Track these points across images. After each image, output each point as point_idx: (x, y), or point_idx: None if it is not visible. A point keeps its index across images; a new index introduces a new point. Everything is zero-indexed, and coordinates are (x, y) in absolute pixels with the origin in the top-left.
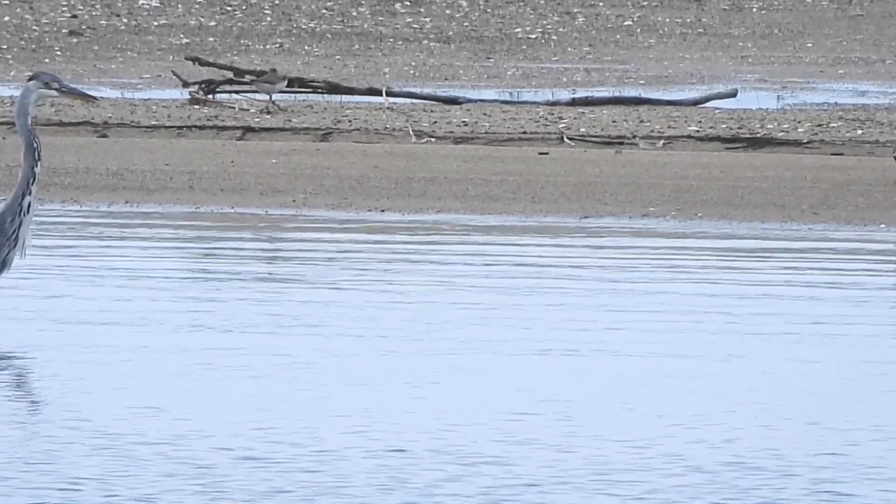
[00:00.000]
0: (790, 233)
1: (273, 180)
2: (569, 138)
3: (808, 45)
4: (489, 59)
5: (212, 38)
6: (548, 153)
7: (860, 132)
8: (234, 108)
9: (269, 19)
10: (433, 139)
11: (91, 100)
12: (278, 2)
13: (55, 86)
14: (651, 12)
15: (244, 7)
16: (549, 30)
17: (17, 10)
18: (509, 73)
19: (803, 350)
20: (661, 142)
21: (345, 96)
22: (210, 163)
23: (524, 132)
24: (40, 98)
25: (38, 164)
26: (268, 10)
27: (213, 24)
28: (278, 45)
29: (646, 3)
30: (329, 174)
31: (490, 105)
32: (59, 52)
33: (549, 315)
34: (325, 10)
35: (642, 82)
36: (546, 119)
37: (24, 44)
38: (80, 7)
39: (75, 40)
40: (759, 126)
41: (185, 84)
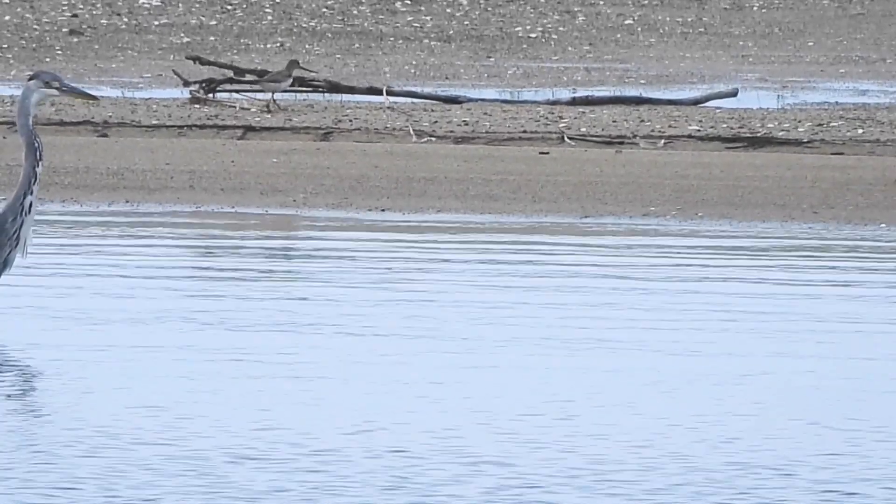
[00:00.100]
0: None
1: (273, 180)
2: (569, 138)
3: (809, 45)
4: (490, 58)
5: (212, 38)
6: (548, 153)
7: (861, 131)
8: (234, 107)
9: (270, 18)
10: (433, 139)
11: (92, 99)
12: (279, 1)
13: (56, 85)
14: (651, 11)
15: (245, 6)
16: (549, 29)
17: (18, 9)
18: (510, 72)
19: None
20: (662, 141)
21: (345, 95)
22: (210, 162)
23: (524, 131)
24: (42, 98)
25: (39, 164)
26: (268, 9)
27: (213, 23)
28: (279, 44)
29: (646, 2)
30: (329, 174)
31: (490, 104)
32: (59, 52)
33: (549, 314)
34: (325, 9)
35: (643, 81)
36: (546, 118)
37: (24, 43)
38: (81, 6)
39: (76, 39)
40: (759, 125)
41: (186, 83)
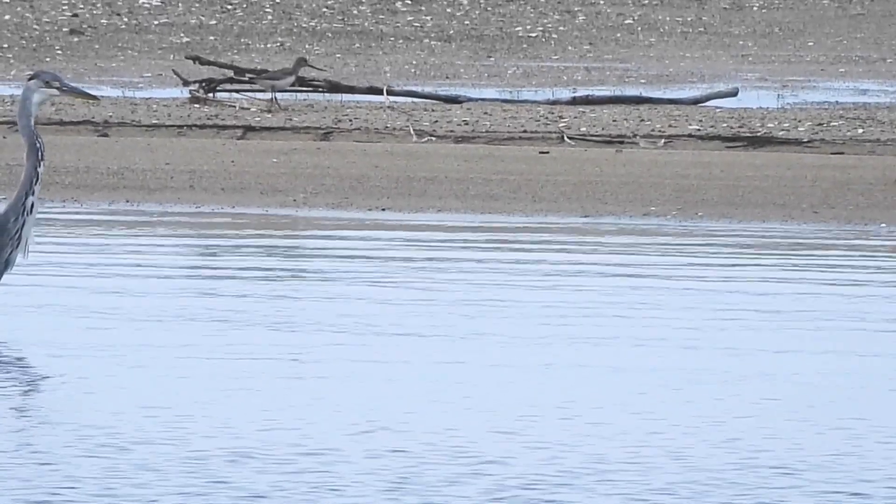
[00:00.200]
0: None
1: (273, 179)
2: (569, 137)
3: (809, 44)
4: (490, 57)
5: (212, 37)
6: (548, 152)
7: (861, 131)
8: (234, 107)
9: (270, 18)
10: (434, 138)
11: (92, 99)
12: (279, 0)
13: (56, 85)
14: (652, 11)
15: (245, 6)
16: (549, 28)
17: (18, 8)
18: (510, 71)
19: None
20: (662, 141)
21: (345, 95)
22: (210, 162)
23: (525, 131)
24: (43, 98)
25: (41, 164)
26: (268, 9)
27: (213, 22)
28: (279, 44)
29: (646, 2)
30: (329, 173)
31: (491, 104)
32: (59, 51)
33: (550, 313)
34: (325, 9)
35: (643, 81)
36: (547, 118)
37: (24, 42)
38: (81, 6)
39: (76, 39)
40: (759, 125)
41: (186, 83)
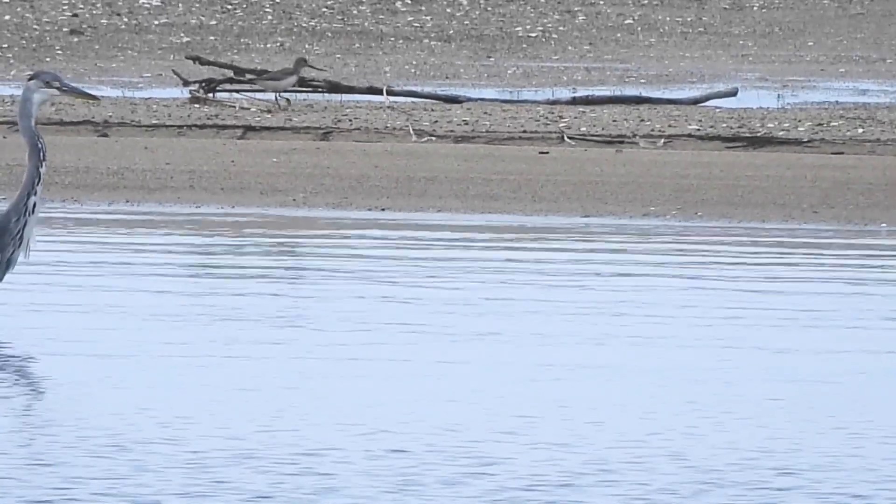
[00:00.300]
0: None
1: (273, 179)
2: (569, 137)
3: (809, 44)
4: (490, 57)
5: (212, 37)
6: (548, 152)
7: (861, 131)
8: (234, 107)
9: (270, 18)
10: (434, 138)
11: (92, 99)
12: (279, 0)
13: (56, 85)
14: (651, 11)
15: (245, 6)
16: (549, 28)
17: (18, 8)
18: (510, 71)
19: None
20: (662, 141)
21: (345, 95)
22: (210, 162)
23: (525, 131)
24: (44, 99)
25: (42, 164)
26: (268, 9)
27: (213, 22)
28: (279, 44)
29: (646, 2)
30: (329, 173)
31: (490, 104)
32: (59, 51)
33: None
34: (325, 9)
35: (643, 81)
36: (546, 118)
37: (24, 43)
38: (81, 6)
39: (76, 39)
40: (759, 125)
41: (186, 83)
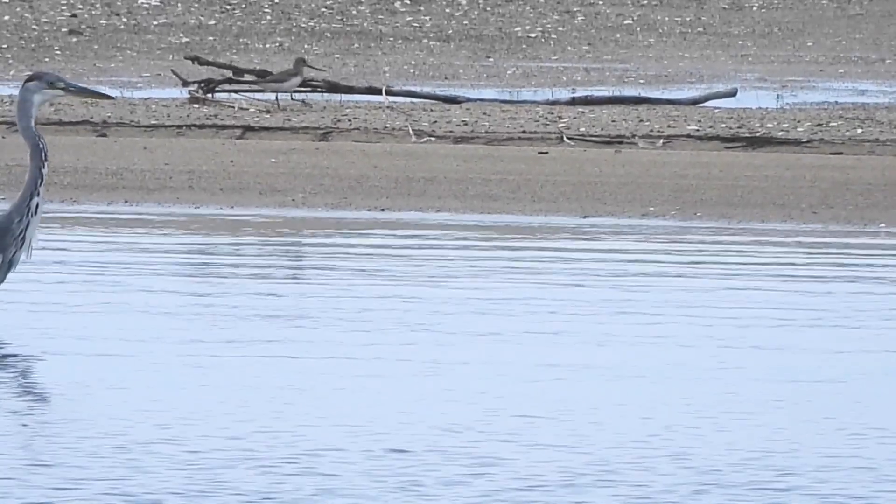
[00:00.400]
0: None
1: (272, 179)
2: (568, 138)
3: (808, 44)
4: (489, 58)
5: (211, 37)
6: (547, 152)
7: (860, 131)
8: (233, 107)
9: (269, 18)
10: (433, 138)
11: (105, 98)
12: (278, 1)
13: (61, 85)
14: (651, 11)
15: (244, 6)
16: (548, 29)
17: (17, 8)
18: (509, 72)
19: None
20: (661, 141)
21: (344, 95)
22: (209, 162)
23: (524, 131)
24: (46, 100)
25: (45, 164)
26: (267, 9)
27: (212, 22)
28: (278, 44)
29: (645, 2)
30: (328, 173)
31: (490, 104)
32: (58, 52)
33: (550, 312)
34: (324, 9)
35: (642, 81)
36: (546, 118)
37: (23, 43)
38: (80, 6)
39: (75, 39)
40: (758, 125)
41: (185, 83)
